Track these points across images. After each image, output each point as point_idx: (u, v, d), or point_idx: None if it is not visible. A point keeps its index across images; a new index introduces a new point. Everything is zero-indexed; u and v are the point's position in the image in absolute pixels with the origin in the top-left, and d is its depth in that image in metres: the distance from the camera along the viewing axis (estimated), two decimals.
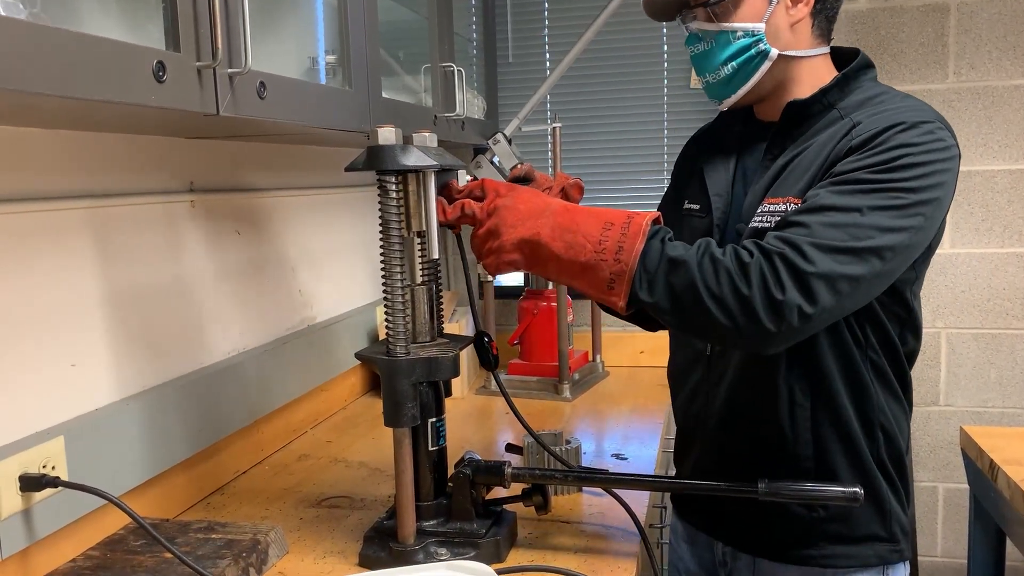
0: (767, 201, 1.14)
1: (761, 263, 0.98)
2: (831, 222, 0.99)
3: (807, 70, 1.18)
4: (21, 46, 0.71)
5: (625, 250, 1.01)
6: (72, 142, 1.21)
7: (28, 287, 1.13)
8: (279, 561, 1.19)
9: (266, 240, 1.72)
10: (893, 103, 1.12)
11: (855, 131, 1.08)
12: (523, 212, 1.06)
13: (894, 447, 1.20)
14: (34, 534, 1.09)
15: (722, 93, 1.21)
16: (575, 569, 1.11)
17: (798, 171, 1.12)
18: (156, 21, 0.94)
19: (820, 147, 1.11)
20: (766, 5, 1.14)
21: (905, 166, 1.02)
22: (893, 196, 1.01)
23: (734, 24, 1.15)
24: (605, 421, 1.86)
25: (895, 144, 1.03)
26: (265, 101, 1.09)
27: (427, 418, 1.15)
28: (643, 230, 1.02)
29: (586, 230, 1.03)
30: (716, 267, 0.99)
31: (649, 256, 1.01)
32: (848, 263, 0.98)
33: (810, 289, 0.97)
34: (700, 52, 1.20)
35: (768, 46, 1.15)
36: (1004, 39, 2.30)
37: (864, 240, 0.99)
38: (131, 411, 1.28)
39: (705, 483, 1.15)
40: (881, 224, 1.00)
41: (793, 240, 0.99)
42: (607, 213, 1.05)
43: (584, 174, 2.57)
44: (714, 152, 1.29)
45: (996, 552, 1.94)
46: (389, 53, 1.72)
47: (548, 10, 2.53)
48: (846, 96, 1.16)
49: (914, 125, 1.04)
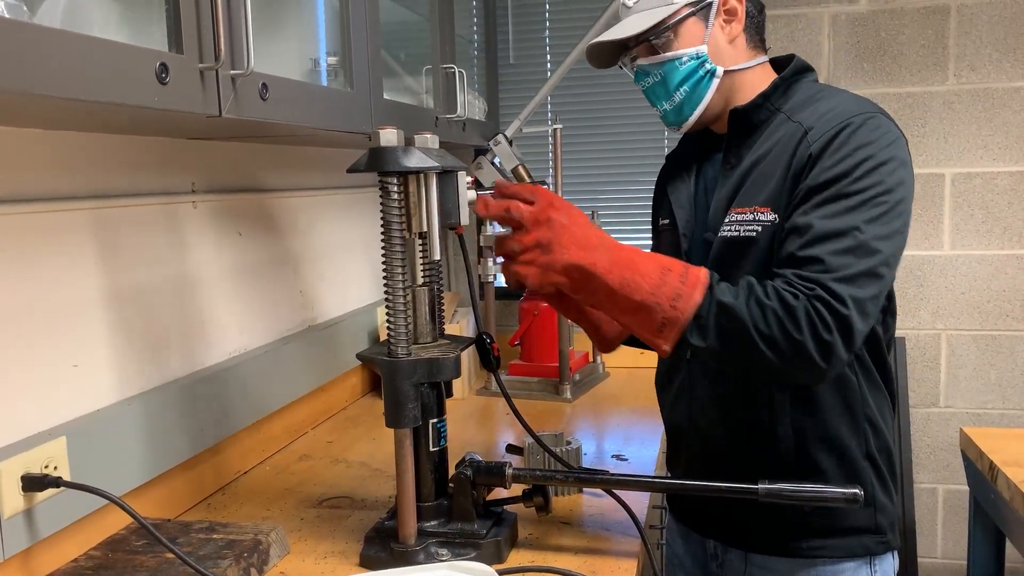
0: (733, 211, 1.18)
1: (808, 308, 1.01)
2: (839, 249, 1.04)
3: (749, 81, 1.24)
4: (24, 48, 0.72)
5: (683, 298, 1.03)
6: (75, 143, 1.21)
7: (30, 288, 1.13)
8: (280, 561, 1.19)
9: (268, 241, 1.72)
10: (832, 99, 1.18)
11: (809, 136, 1.13)
12: (579, 237, 1.05)
13: (881, 438, 1.23)
14: (36, 534, 1.09)
15: (678, 118, 1.27)
16: (576, 570, 1.11)
17: (760, 180, 1.17)
18: (159, 23, 0.95)
19: (777, 155, 1.16)
20: (703, 28, 1.21)
21: (873, 168, 1.07)
22: (877, 203, 1.06)
23: (678, 52, 1.22)
24: (605, 422, 1.87)
25: (854, 147, 1.09)
26: (267, 103, 1.09)
27: (428, 419, 1.16)
28: (702, 282, 1.04)
29: (644, 270, 1.04)
30: (764, 311, 1.02)
31: (708, 303, 1.03)
32: (868, 285, 1.04)
33: (849, 325, 1.02)
34: (652, 85, 1.27)
35: (713, 65, 1.22)
36: (1004, 41, 2.31)
37: (873, 256, 1.05)
38: (133, 411, 1.28)
39: (706, 484, 1.15)
40: (879, 234, 1.05)
41: (821, 280, 1.03)
42: (663, 258, 1.07)
43: (584, 175, 2.58)
44: (677, 170, 1.36)
45: (996, 553, 1.94)
46: (390, 54, 1.73)
47: (549, 12, 2.53)
48: (789, 99, 1.22)
49: (862, 123, 1.10)
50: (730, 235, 1.18)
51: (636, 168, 2.53)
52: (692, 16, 1.21)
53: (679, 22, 1.21)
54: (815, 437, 1.20)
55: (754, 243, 1.15)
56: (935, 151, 2.40)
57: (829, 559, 1.22)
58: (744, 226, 1.16)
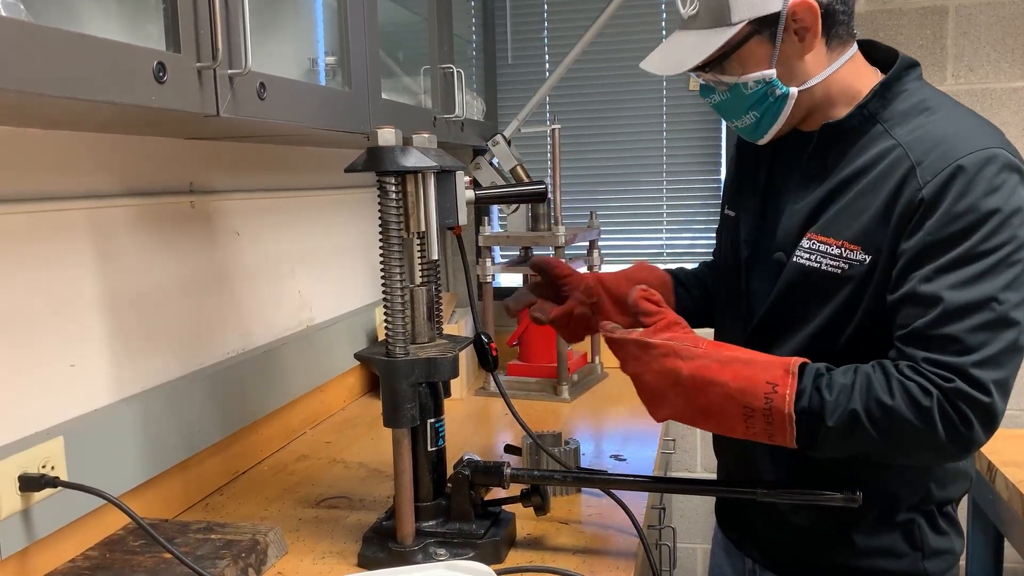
0: (815, 237, 1.06)
1: (944, 405, 0.93)
2: (976, 325, 0.94)
3: (837, 84, 1.10)
4: (22, 46, 0.71)
5: (776, 435, 0.98)
6: (72, 142, 1.21)
7: (27, 287, 1.13)
8: (278, 561, 1.19)
9: (265, 241, 1.72)
10: (943, 118, 1.03)
11: (919, 173, 0.99)
12: (652, 386, 1.02)
13: (947, 489, 1.12)
14: (33, 534, 1.09)
15: (754, 135, 1.15)
16: (574, 570, 1.11)
17: (851, 209, 1.04)
18: (156, 22, 0.95)
19: (874, 183, 1.03)
20: (770, 49, 1.06)
21: (1002, 223, 0.95)
22: (1009, 264, 0.95)
23: (742, 77, 1.08)
24: (604, 422, 1.86)
25: (978, 196, 0.96)
26: (265, 102, 1.09)
27: (426, 419, 1.15)
28: (788, 418, 0.96)
29: (726, 420, 0.99)
30: (892, 419, 0.94)
31: (808, 431, 0.97)
32: (1009, 361, 0.96)
33: (992, 413, 0.95)
34: (718, 103, 1.15)
35: (784, 87, 1.08)
36: (1002, 41, 2.31)
37: (1012, 328, 0.95)
38: (131, 411, 1.28)
39: (704, 484, 1.16)
40: (1016, 300, 0.95)
41: (959, 367, 0.93)
42: (744, 389, 0.97)
43: (583, 175, 2.58)
44: (749, 158, 1.23)
45: (994, 554, 1.94)
46: (388, 54, 1.72)
47: (547, 12, 2.53)
48: (888, 104, 1.07)
49: (982, 165, 0.96)
50: (808, 265, 1.06)
51: (635, 168, 2.53)
52: (756, 36, 1.05)
53: (739, 45, 1.06)
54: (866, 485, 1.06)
55: (838, 281, 1.04)
56: None
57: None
58: (828, 259, 1.04)
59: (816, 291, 1.06)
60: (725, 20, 1.05)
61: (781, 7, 1.04)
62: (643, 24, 2.43)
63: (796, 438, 0.97)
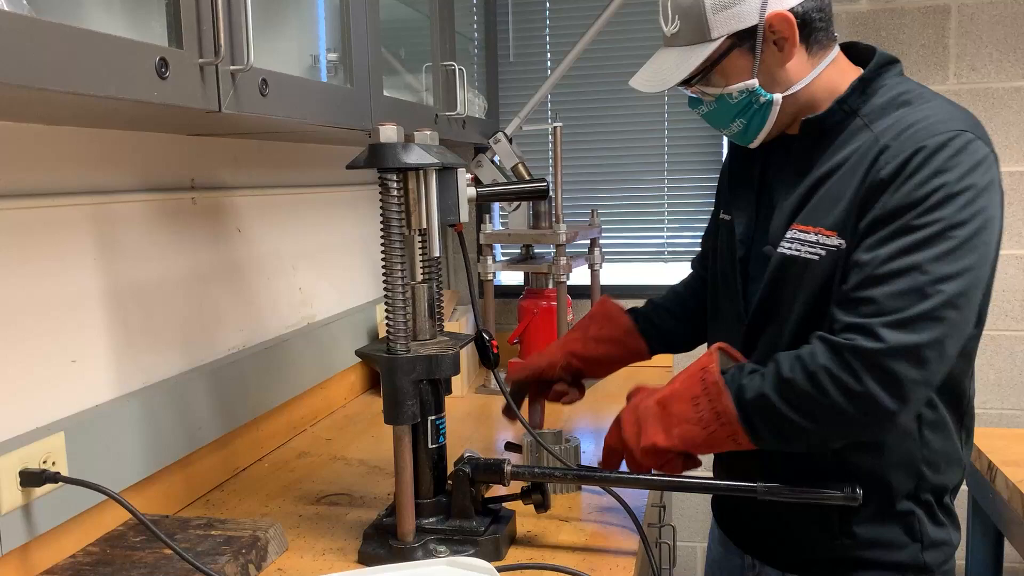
0: (796, 227, 1.10)
1: (830, 366, 0.98)
2: (896, 291, 0.97)
3: (821, 87, 1.13)
4: (24, 41, 0.72)
5: (724, 417, 1.05)
6: (74, 138, 1.21)
7: (29, 283, 1.13)
8: (279, 558, 1.19)
9: (267, 238, 1.72)
10: (918, 111, 1.06)
11: (883, 157, 1.03)
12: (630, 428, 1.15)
13: (943, 476, 1.13)
14: (34, 529, 1.09)
15: (744, 140, 1.19)
16: (574, 567, 1.11)
17: (829, 198, 1.08)
18: (159, 18, 0.95)
19: (850, 171, 1.06)
20: (751, 60, 1.10)
21: (945, 199, 0.98)
22: (945, 238, 0.97)
23: (726, 88, 1.12)
24: (604, 420, 1.86)
25: (928, 174, 0.99)
26: (267, 98, 1.09)
27: (427, 416, 1.15)
28: (721, 387, 1.05)
29: (684, 415, 1.08)
30: (791, 390, 1.01)
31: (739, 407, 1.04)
32: (925, 329, 0.96)
33: (889, 371, 0.96)
34: (706, 113, 1.18)
35: (768, 95, 1.11)
36: (1005, 41, 2.31)
37: (934, 298, 0.96)
38: (132, 407, 1.28)
39: (707, 482, 1.15)
40: (943, 273, 0.97)
41: (865, 325, 0.97)
42: (686, 384, 1.09)
43: (585, 173, 2.58)
44: (742, 162, 1.26)
45: (994, 553, 1.94)
46: (390, 51, 1.72)
47: (549, 9, 2.53)
48: (868, 99, 1.10)
49: (941, 146, 1.00)
50: (790, 253, 1.10)
51: (636, 166, 2.53)
52: (736, 49, 1.09)
53: (720, 59, 1.10)
54: (861, 474, 1.10)
55: (815, 268, 1.07)
56: None
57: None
58: (806, 246, 1.08)
59: (798, 279, 1.09)
60: (706, 36, 1.09)
61: (758, 20, 1.07)
62: (645, 22, 2.42)
63: (740, 420, 1.04)
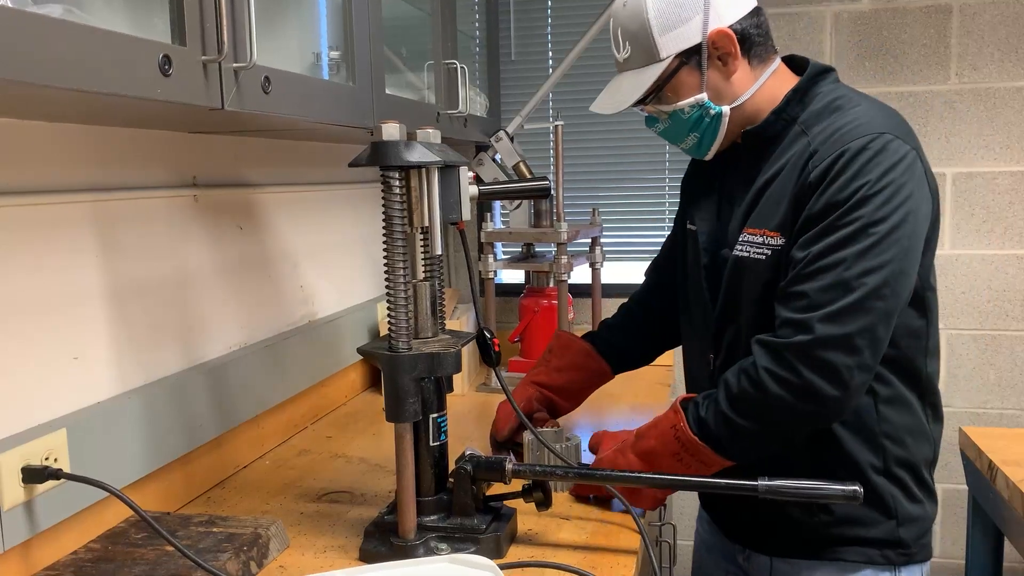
0: (746, 231, 1.19)
1: (769, 364, 1.07)
2: (824, 285, 1.06)
3: (764, 97, 1.21)
4: (28, 38, 0.72)
5: (705, 459, 1.14)
6: (76, 136, 1.21)
7: (31, 280, 1.13)
8: (280, 555, 1.19)
9: (268, 235, 1.72)
10: (846, 115, 1.14)
11: (812, 162, 1.11)
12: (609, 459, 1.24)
13: (908, 451, 1.20)
14: (36, 526, 1.09)
15: (698, 153, 1.27)
16: (575, 565, 1.11)
17: (772, 202, 1.16)
18: (162, 15, 0.95)
19: (788, 175, 1.15)
20: (698, 76, 1.18)
21: (865, 198, 1.06)
22: (867, 235, 1.05)
23: (678, 104, 1.20)
24: (605, 418, 1.87)
25: (849, 176, 1.07)
26: (269, 96, 1.09)
27: (428, 414, 1.16)
28: (698, 443, 1.13)
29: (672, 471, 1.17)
30: (743, 401, 1.09)
31: (716, 444, 1.13)
32: (853, 319, 1.05)
33: (822, 359, 1.05)
34: (662, 130, 1.27)
35: (716, 107, 1.20)
36: (1006, 41, 2.30)
37: (858, 290, 1.05)
38: (133, 404, 1.28)
39: (707, 480, 1.16)
40: (866, 267, 1.05)
41: (800, 320, 1.06)
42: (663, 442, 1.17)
43: (585, 172, 2.58)
44: (701, 179, 1.35)
45: (994, 553, 1.95)
46: (392, 50, 1.72)
47: (551, 8, 2.53)
48: (806, 107, 1.19)
49: (861, 148, 1.07)
50: (741, 255, 1.18)
51: (637, 165, 2.53)
52: (684, 67, 1.18)
53: (671, 77, 1.18)
54: (830, 455, 1.18)
55: (762, 267, 1.16)
56: (936, 150, 2.40)
57: (846, 563, 1.21)
58: (755, 248, 1.17)
59: (750, 278, 1.18)
60: (655, 57, 1.18)
61: (701, 38, 1.16)
62: None
63: (719, 454, 1.13)
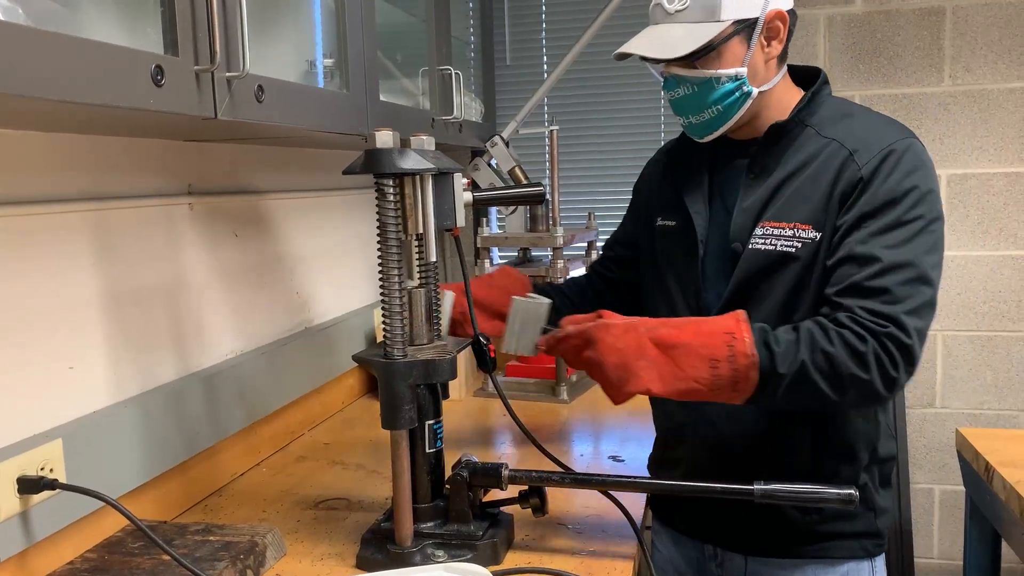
0: (768, 224, 1.18)
1: (877, 350, 1.05)
2: (904, 280, 1.08)
3: (776, 94, 1.23)
4: (20, 50, 0.72)
5: (741, 383, 1.06)
6: (71, 145, 1.21)
7: (27, 289, 1.13)
8: (277, 563, 1.19)
9: (264, 242, 1.72)
10: (865, 118, 1.21)
11: (856, 158, 1.14)
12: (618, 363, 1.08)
13: (887, 445, 1.26)
14: (32, 536, 1.09)
15: (704, 132, 1.24)
16: (572, 571, 1.11)
17: (799, 196, 1.17)
18: (155, 25, 0.95)
19: (817, 172, 1.16)
20: (745, 49, 1.18)
21: (922, 197, 1.11)
22: (928, 232, 1.11)
23: (718, 71, 1.18)
24: (602, 423, 1.87)
25: (903, 174, 1.12)
26: (263, 105, 1.09)
27: (424, 420, 1.16)
28: (752, 361, 1.05)
29: (695, 374, 1.06)
30: (833, 364, 1.05)
31: (762, 374, 1.06)
32: (928, 314, 1.09)
33: (914, 357, 1.07)
34: (682, 97, 1.22)
35: (750, 87, 1.19)
36: (999, 42, 2.31)
37: (930, 286, 1.10)
38: (129, 414, 1.28)
39: (702, 485, 1.15)
40: (932, 262, 1.11)
41: (890, 314, 1.06)
42: (706, 343, 1.06)
43: (581, 176, 2.58)
44: (685, 169, 1.32)
45: (992, 554, 1.95)
46: (387, 56, 1.73)
47: (546, 13, 2.53)
48: (814, 112, 1.22)
49: (907, 149, 1.14)
50: (764, 248, 1.18)
51: (633, 169, 2.52)
52: (737, 36, 1.17)
53: (724, 41, 1.16)
54: (832, 446, 1.21)
55: (792, 260, 1.16)
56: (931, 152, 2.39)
57: (832, 559, 1.24)
58: (781, 241, 1.16)
59: (773, 272, 1.17)
60: (714, 15, 1.16)
61: (760, 13, 1.17)
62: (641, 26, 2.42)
63: (757, 385, 1.06)
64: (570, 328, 1.12)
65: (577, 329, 1.11)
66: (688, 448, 1.32)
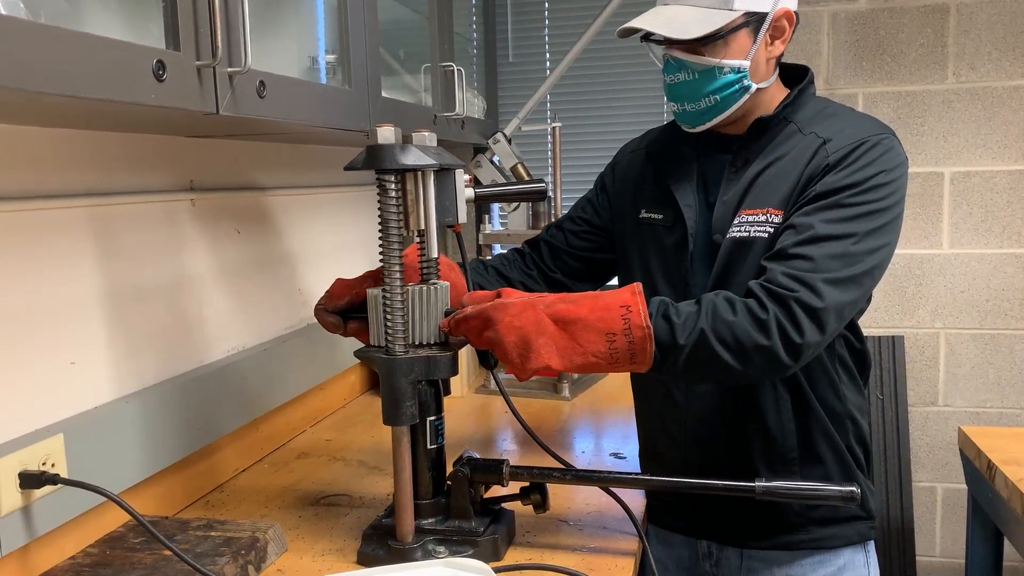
0: (744, 212, 1.20)
1: (777, 314, 1.04)
2: (831, 253, 1.08)
3: (769, 93, 1.25)
4: (22, 45, 0.72)
5: (638, 355, 1.05)
6: (73, 141, 1.21)
7: (28, 285, 1.13)
8: (278, 559, 1.19)
9: (266, 239, 1.72)
10: (848, 117, 1.22)
11: (828, 146, 1.16)
12: (517, 340, 1.05)
13: (859, 429, 1.29)
14: (34, 531, 1.09)
15: (697, 121, 1.24)
16: (573, 567, 1.11)
17: (773, 184, 1.19)
18: (156, 20, 0.95)
19: (792, 162, 1.18)
20: (751, 43, 1.18)
21: (878, 186, 1.12)
22: (874, 217, 1.11)
23: (723, 61, 1.18)
24: (604, 420, 1.87)
25: (867, 162, 1.13)
26: (265, 100, 1.09)
27: (426, 416, 1.16)
28: (647, 333, 1.03)
29: (593, 348, 1.05)
30: (734, 331, 1.04)
31: (661, 345, 1.05)
32: (849, 290, 1.08)
33: (823, 323, 1.06)
34: (681, 82, 1.22)
35: (750, 82, 1.20)
36: (1004, 40, 2.31)
37: (860, 265, 1.09)
38: (131, 409, 1.28)
39: (703, 483, 1.15)
40: (871, 247, 1.10)
41: (804, 279, 1.06)
42: (602, 317, 1.04)
43: (583, 173, 2.58)
44: (673, 163, 1.31)
45: (994, 552, 1.95)
46: (389, 52, 1.72)
47: (548, 10, 2.53)
48: (798, 110, 1.24)
49: (877, 142, 1.15)
50: (740, 236, 1.19)
51: None
52: (745, 28, 1.17)
53: (733, 31, 1.17)
54: (816, 431, 1.24)
55: (763, 242, 1.17)
56: (934, 150, 2.40)
57: (828, 550, 1.26)
58: (755, 227, 1.18)
59: (749, 258, 1.18)
60: (728, 3, 1.16)
61: (770, 8, 1.17)
62: None
63: (654, 356, 1.04)
64: (469, 309, 1.09)
65: (476, 310, 1.07)
66: (673, 446, 1.32)
